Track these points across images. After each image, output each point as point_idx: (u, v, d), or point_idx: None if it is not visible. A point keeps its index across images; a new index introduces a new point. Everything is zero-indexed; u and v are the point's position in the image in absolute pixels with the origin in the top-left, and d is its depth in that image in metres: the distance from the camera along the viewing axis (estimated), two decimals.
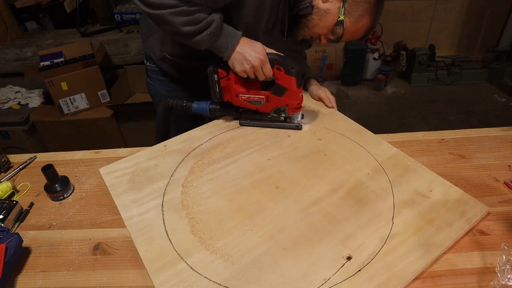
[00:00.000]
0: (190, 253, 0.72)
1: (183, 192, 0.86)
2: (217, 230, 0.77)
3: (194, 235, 0.75)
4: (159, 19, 0.88)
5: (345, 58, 3.12)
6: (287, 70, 0.95)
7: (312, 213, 0.80)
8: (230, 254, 0.71)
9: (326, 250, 0.71)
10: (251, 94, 1.02)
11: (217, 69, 0.99)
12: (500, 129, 1.07)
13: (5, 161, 1.03)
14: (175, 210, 0.81)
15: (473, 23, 3.26)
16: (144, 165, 0.94)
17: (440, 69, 3.16)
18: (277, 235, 0.75)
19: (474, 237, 0.76)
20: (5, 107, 2.39)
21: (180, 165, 0.94)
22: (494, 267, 0.68)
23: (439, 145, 1.02)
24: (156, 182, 0.89)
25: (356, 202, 0.82)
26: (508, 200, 0.84)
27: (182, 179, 0.89)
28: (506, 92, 3.06)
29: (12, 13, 2.50)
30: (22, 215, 0.87)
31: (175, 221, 0.79)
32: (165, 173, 0.91)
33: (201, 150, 0.99)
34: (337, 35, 0.97)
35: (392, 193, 0.84)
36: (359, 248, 0.71)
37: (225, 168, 0.93)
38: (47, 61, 2.20)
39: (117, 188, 0.88)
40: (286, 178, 0.89)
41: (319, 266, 0.69)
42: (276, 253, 0.71)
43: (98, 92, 2.34)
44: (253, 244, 0.73)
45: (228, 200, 0.84)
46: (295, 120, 1.05)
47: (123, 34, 2.49)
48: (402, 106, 2.98)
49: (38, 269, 0.75)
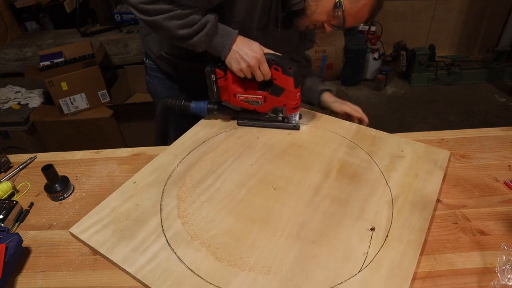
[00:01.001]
0: (228, 280, 0.67)
1: (183, 223, 0.79)
2: (241, 247, 0.73)
3: (222, 261, 0.71)
4: (154, 25, 0.89)
5: (345, 58, 3.12)
6: (285, 70, 0.94)
7: (319, 201, 0.83)
8: (269, 266, 0.69)
9: (350, 229, 0.76)
10: (248, 94, 1.02)
11: (215, 69, 0.99)
12: (500, 129, 1.07)
13: (5, 161, 1.03)
14: (186, 243, 0.75)
15: (473, 23, 3.26)
16: (122, 209, 0.83)
17: (440, 69, 3.16)
18: (301, 232, 0.76)
19: (474, 237, 0.76)
20: (5, 107, 2.39)
21: (164, 197, 0.85)
22: (494, 267, 0.68)
23: (439, 145, 1.02)
24: (147, 223, 0.79)
25: (350, 179, 0.88)
26: (508, 200, 0.84)
27: (175, 211, 0.82)
28: (506, 92, 3.05)
29: (12, 13, 2.50)
30: (22, 215, 0.87)
31: (192, 254, 0.72)
32: (151, 210, 0.82)
33: (177, 175, 0.92)
34: (339, 20, 0.92)
35: (374, 162, 0.93)
36: (375, 218, 0.78)
37: (213, 185, 0.88)
38: (47, 61, 2.20)
39: (105, 244, 0.75)
40: (279, 177, 0.89)
41: (353, 245, 0.73)
42: (310, 249, 0.72)
43: (98, 92, 2.34)
44: (284, 248, 0.73)
45: (234, 215, 0.80)
46: (293, 120, 1.05)
47: (123, 34, 2.49)
48: (402, 106, 2.98)
49: (38, 269, 0.75)
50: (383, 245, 0.72)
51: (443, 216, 0.81)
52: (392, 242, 0.73)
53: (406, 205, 0.81)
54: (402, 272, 0.67)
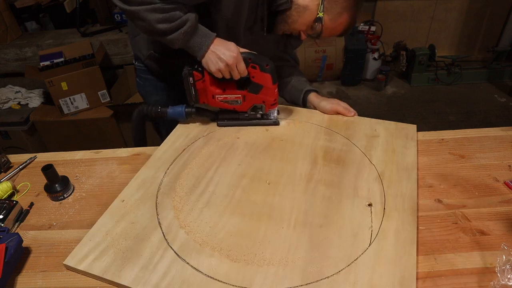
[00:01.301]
0: (251, 279, 0.67)
1: (188, 232, 0.77)
2: (253, 244, 0.73)
3: (238, 262, 0.70)
4: (134, 16, 0.88)
5: (345, 58, 3.12)
6: (262, 67, 0.96)
7: (314, 188, 0.86)
8: (286, 257, 0.70)
9: (350, 208, 0.81)
10: (227, 94, 1.03)
11: (192, 72, 0.99)
12: (500, 129, 1.07)
13: (5, 161, 1.03)
14: (197, 251, 0.73)
15: (473, 23, 3.26)
16: (117, 230, 0.78)
17: (440, 69, 3.16)
18: (306, 219, 0.78)
19: (474, 237, 0.76)
20: (5, 107, 2.39)
21: (159, 210, 0.82)
22: (494, 267, 0.68)
23: (439, 145, 1.02)
24: (149, 239, 0.76)
25: (336, 163, 0.94)
26: (508, 200, 0.84)
27: (175, 222, 0.79)
28: (506, 92, 3.06)
29: (12, 13, 2.50)
30: (22, 215, 0.87)
31: (207, 261, 0.71)
32: (150, 225, 0.79)
33: (166, 187, 0.89)
34: (316, 31, 0.98)
35: (354, 145, 1.00)
36: (369, 194, 0.84)
37: (207, 191, 0.87)
38: (47, 61, 2.20)
39: (110, 269, 0.70)
40: (269, 172, 0.91)
41: (357, 222, 0.77)
42: (319, 233, 0.75)
43: (98, 92, 2.34)
44: (295, 237, 0.74)
45: (237, 215, 0.80)
46: (272, 116, 1.07)
47: (123, 34, 2.49)
48: (402, 106, 2.98)
49: (38, 269, 0.75)
50: (383, 217, 0.78)
51: (443, 216, 0.80)
52: (390, 213, 0.79)
53: (393, 178, 0.88)
54: (406, 237, 0.74)
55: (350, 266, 0.69)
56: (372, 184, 0.87)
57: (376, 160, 0.94)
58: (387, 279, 0.66)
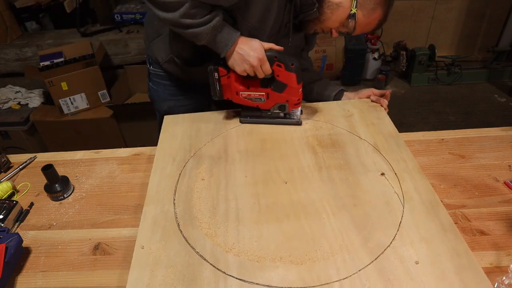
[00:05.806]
0: (327, 274, 0.66)
1: (237, 254, 0.72)
2: (309, 242, 0.73)
3: (304, 263, 0.69)
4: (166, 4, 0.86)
5: (345, 58, 3.12)
6: (287, 66, 0.95)
7: (328, 174, 0.89)
8: (343, 244, 0.71)
9: (369, 182, 0.85)
10: (251, 92, 1.03)
11: (218, 67, 0.99)
12: (500, 129, 1.07)
13: (5, 161, 1.03)
14: (259, 269, 0.69)
15: (473, 23, 3.26)
16: (158, 280, 0.68)
17: (440, 69, 3.16)
18: (339, 204, 0.81)
19: (474, 237, 0.76)
20: (5, 107, 2.39)
21: (192, 244, 0.75)
22: (494, 267, 0.68)
23: (439, 145, 1.02)
24: (200, 276, 0.69)
25: (334, 147, 0.97)
26: (508, 200, 0.84)
27: (217, 249, 0.73)
28: (506, 92, 3.05)
29: (12, 13, 2.50)
30: (22, 215, 0.87)
31: (274, 274, 0.68)
32: (192, 262, 0.71)
33: (185, 218, 0.80)
34: (349, 29, 0.97)
35: (338, 127, 1.05)
36: (376, 165, 0.90)
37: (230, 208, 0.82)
38: (47, 61, 2.20)
39: None
40: (278, 173, 0.90)
41: (382, 191, 0.83)
42: (358, 212, 0.78)
43: (98, 92, 2.33)
44: (339, 223, 0.76)
45: (276, 221, 0.77)
46: (294, 116, 1.06)
47: (123, 34, 2.49)
48: (402, 106, 2.98)
49: (38, 269, 0.75)
50: (399, 182, 0.84)
51: None
52: (402, 175, 0.86)
53: (386, 146, 0.95)
54: (426, 192, 0.81)
55: (400, 229, 0.73)
56: (373, 157, 0.92)
57: (364, 135, 1.00)
58: (433, 230, 0.72)
